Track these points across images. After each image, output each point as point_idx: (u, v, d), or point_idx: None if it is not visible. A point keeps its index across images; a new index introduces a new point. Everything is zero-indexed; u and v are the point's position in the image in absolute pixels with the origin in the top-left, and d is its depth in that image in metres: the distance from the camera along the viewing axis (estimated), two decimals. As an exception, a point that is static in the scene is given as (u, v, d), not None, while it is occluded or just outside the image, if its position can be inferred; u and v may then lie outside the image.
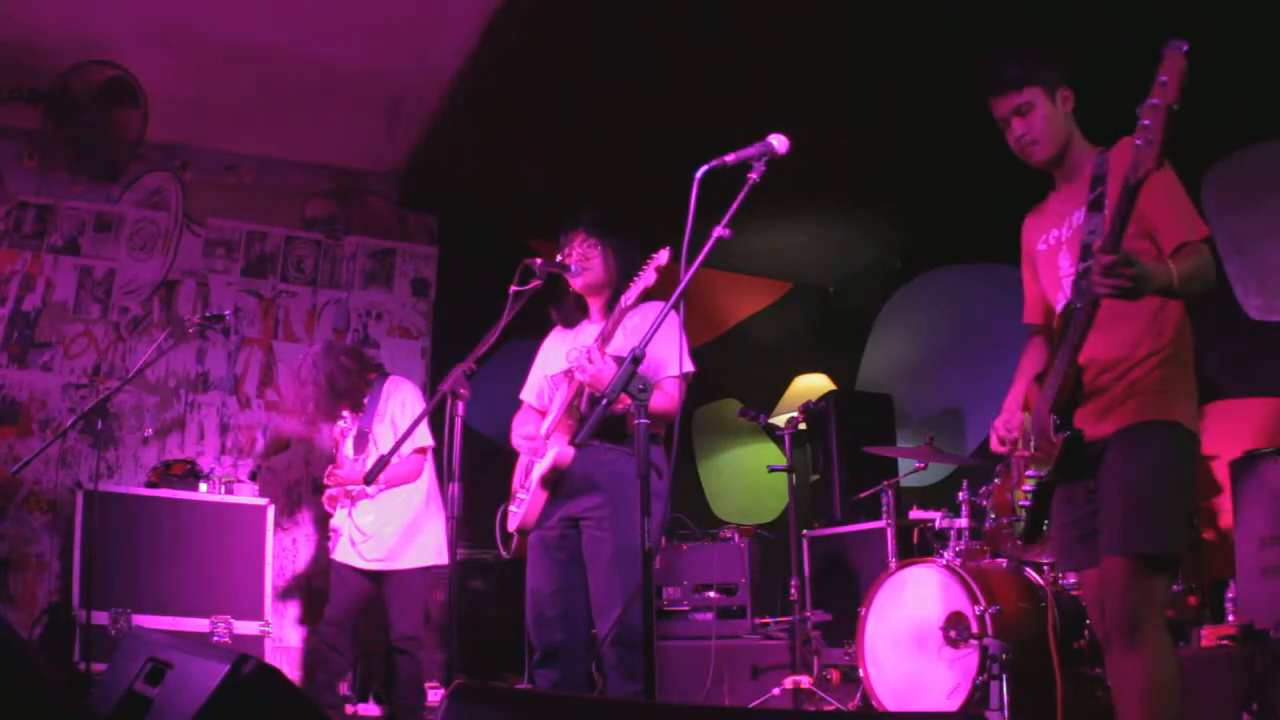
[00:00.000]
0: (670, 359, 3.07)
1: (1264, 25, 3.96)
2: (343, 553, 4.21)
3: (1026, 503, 2.40)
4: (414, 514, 4.21)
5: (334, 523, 4.31)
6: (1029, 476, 2.40)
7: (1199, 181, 4.60)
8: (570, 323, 3.39)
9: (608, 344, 3.00)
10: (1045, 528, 2.44)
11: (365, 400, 4.31)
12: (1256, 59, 4.17)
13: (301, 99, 5.10)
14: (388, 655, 4.26)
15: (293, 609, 5.25)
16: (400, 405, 4.27)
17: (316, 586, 5.15)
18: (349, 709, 4.77)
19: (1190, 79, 1.95)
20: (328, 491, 4.32)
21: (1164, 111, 1.97)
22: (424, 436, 4.19)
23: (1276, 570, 3.53)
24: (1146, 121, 1.99)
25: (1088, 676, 3.55)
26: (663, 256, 2.88)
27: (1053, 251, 2.55)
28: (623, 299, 2.97)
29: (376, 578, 4.20)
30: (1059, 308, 2.51)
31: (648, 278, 2.90)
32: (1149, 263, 2.19)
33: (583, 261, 3.23)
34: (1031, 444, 2.42)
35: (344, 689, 4.75)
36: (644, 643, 2.18)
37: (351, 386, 4.27)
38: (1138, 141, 2.01)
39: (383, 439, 4.19)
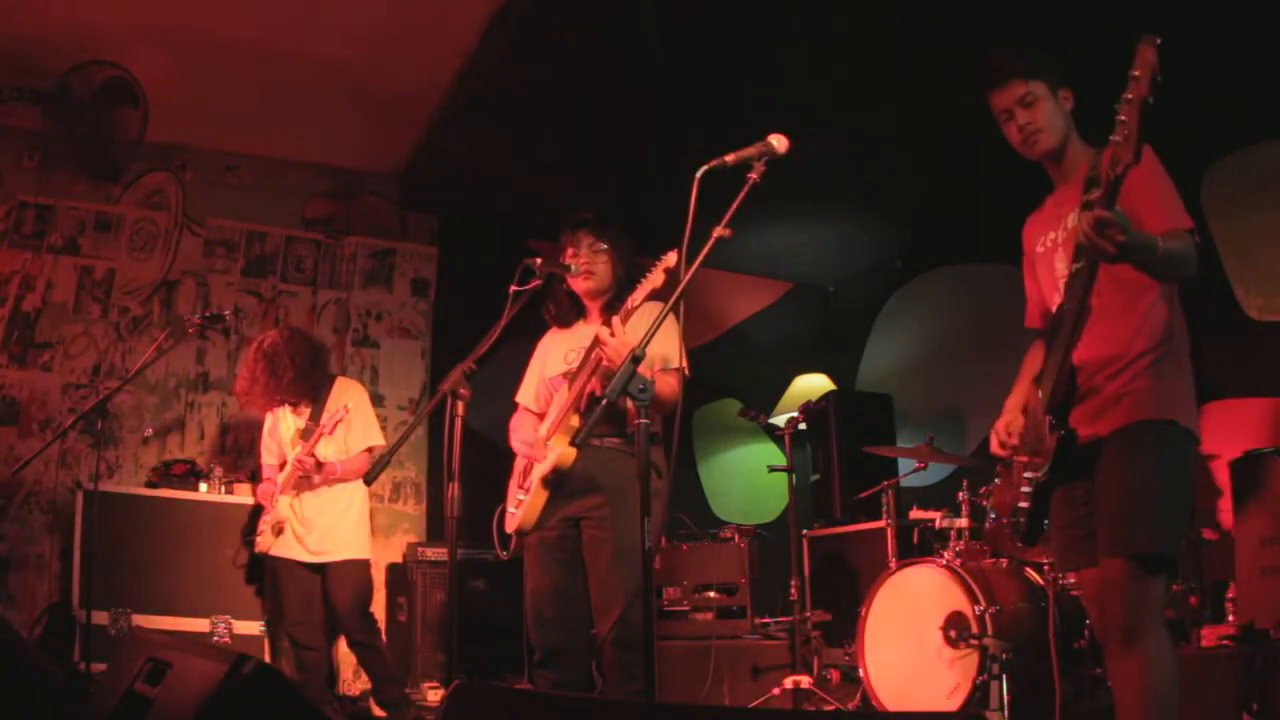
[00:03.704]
0: (671, 352, 3.08)
1: (1264, 26, 3.96)
2: (285, 548, 4.23)
3: (1025, 504, 2.40)
4: (356, 508, 4.33)
5: (268, 516, 4.30)
6: (1027, 478, 2.40)
7: (1199, 181, 4.60)
8: (565, 323, 3.38)
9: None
10: (1045, 528, 2.44)
11: (319, 396, 4.36)
12: (1256, 59, 4.17)
13: (301, 99, 5.10)
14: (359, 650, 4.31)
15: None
16: (343, 405, 4.27)
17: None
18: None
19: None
20: (263, 486, 4.37)
21: (1138, 105, 2.00)
22: (375, 435, 4.38)
23: (1276, 570, 3.53)
24: (1123, 117, 2.03)
25: (1088, 676, 3.55)
26: (671, 258, 2.88)
27: (1049, 253, 2.55)
28: (630, 300, 2.96)
29: (319, 570, 4.23)
30: (1055, 310, 2.51)
31: (656, 279, 2.89)
32: (1137, 231, 2.20)
33: (590, 265, 3.22)
34: (1029, 446, 2.42)
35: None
36: (644, 643, 2.18)
37: (311, 374, 4.30)
38: (1116, 138, 2.04)
39: (334, 435, 4.23)
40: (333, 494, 4.28)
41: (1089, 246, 2.13)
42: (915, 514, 4.53)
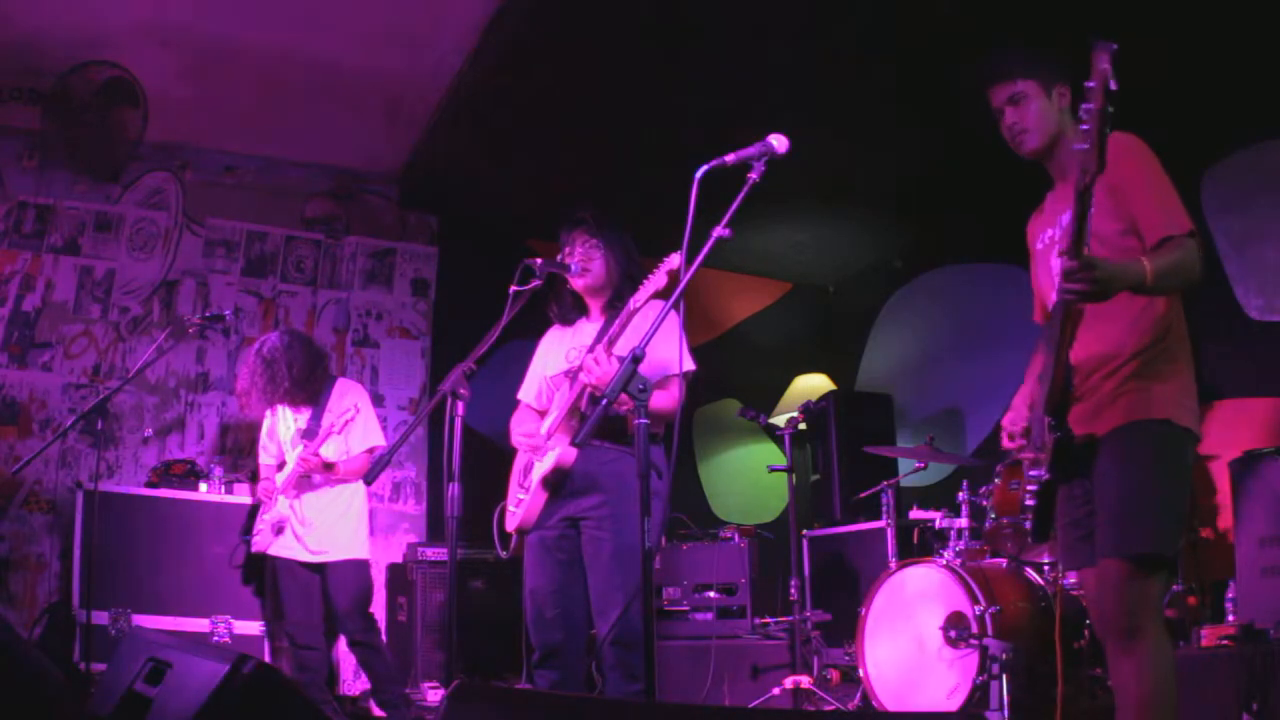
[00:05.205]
0: (673, 358, 3.07)
1: (1264, 26, 3.96)
2: (284, 547, 4.23)
3: (1031, 501, 2.40)
4: (356, 508, 4.33)
5: (268, 515, 4.31)
6: (1031, 476, 2.40)
7: (1199, 181, 4.60)
8: (568, 321, 3.38)
9: (614, 346, 2.99)
10: (1054, 525, 2.45)
11: (319, 397, 4.36)
12: (1256, 59, 4.17)
13: (301, 99, 5.10)
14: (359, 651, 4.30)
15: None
16: (352, 405, 4.26)
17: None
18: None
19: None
20: (262, 485, 4.37)
21: (1096, 115, 2.00)
22: (377, 436, 4.37)
23: (1276, 570, 3.53)
24: (1085, 126, 2.03)
25: (1088, 676, 3.55)
26: (674, 260, 2.86)
27: (1046, 251, 2.56)
28: (632, 301, 2.96)
29: (320, 569, 4.23)
30: (1052, 308, 2.51)
31: (659, 280, 2.87)
32: (1117, 261, 2.19)
33: (585, 262, 3.22)
34: (1034, 443, 2.42)
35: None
36: (644, 643, 2.18)
37: (310, 377, 4.31)
38: (1081, 146, 2.04)
39: (334, 436, 4.22)
40: (333, 494, 4.29)
41: (1071, 299, 2.16)
42: (915, 514, 4.53)
